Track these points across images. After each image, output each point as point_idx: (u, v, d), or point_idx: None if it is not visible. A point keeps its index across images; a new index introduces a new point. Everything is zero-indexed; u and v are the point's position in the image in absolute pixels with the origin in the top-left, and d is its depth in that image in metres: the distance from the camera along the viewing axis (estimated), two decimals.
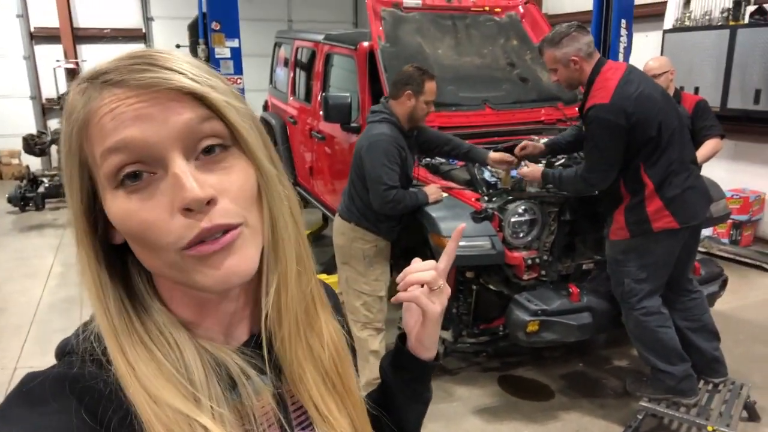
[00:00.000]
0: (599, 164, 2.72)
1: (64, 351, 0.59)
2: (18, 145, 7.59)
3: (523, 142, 3.21)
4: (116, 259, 0.60)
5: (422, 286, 0.76)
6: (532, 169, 3.00)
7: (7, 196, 7.08)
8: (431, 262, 0.77)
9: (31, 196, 7.09)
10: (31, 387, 0.53)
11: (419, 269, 0.76)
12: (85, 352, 0.56)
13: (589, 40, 2.75)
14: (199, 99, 0.53)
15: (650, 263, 2.77)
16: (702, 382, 2.94)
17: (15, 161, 8.97)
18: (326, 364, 0.66)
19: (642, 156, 2.67)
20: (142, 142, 0.51)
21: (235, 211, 0.54)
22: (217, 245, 0.53)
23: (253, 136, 0.58)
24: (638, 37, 5.49)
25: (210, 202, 0.52)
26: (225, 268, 0.54)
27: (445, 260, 0.79)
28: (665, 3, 6.19)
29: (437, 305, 0.76)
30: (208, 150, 0.54)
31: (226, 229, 0.54)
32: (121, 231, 0.55)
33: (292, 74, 5.43)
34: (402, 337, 0.83)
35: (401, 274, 0.77)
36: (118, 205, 0.53)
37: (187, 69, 0.54)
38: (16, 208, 7.06)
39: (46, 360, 0.57)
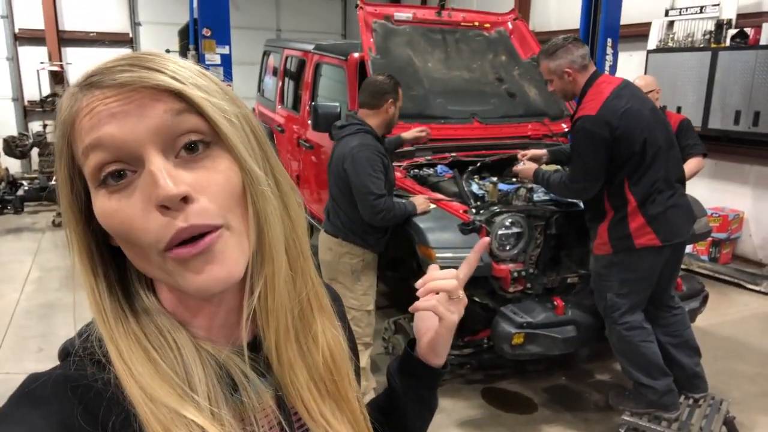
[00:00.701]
0: (581, 175, 2.77)
1: (66, 352, 0.58)
2: None
3: (528, 151, 3.30)
4: (113, 260, 0.59)
5: (437, 293, 0.76)
6: (527, 167, 3.07)
7: None
8: (452, 271, 0.77)
9: (9, 198, 6.96)
10: (33, 388, 0.53)
11: (439, 277, 0.76)
12: (86, 352, 0.56)
13: (583, 53, 2.80)
14: (176, 95, 0.53)
15: (632, 279, 2.80)
16: (683, 397, 2.97)
17: None
18: (321, 370, 0.65)
19: (626, 171, 2.71)
20: (117, 140, 0.51)
21: (214, 211, 0.53)
22: (195, 249, 0.52)
23: (235, 133, 0.55)
24: (623, 56, 5.61)
25: (186, 200, 0.51)
26: (206, 274, 0.53)
27: (465, 270, 0.80)
28: (649, 24, 6.32)
29: (455, 314, 0.77)
30: (191, 147, 0.53)
31: (205, 231, 0.52)
32: (108, 231, 0.55)
33: (280, 83, 5.44)
34: (410, 343, 0.82)
35: (421, 281, 0.77)
36: (101, 204, 0.53)
37: (169, 68, 0.53)
38: None
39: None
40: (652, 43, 6.26)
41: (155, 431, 0.52)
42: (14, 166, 8.57)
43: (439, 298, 0.76)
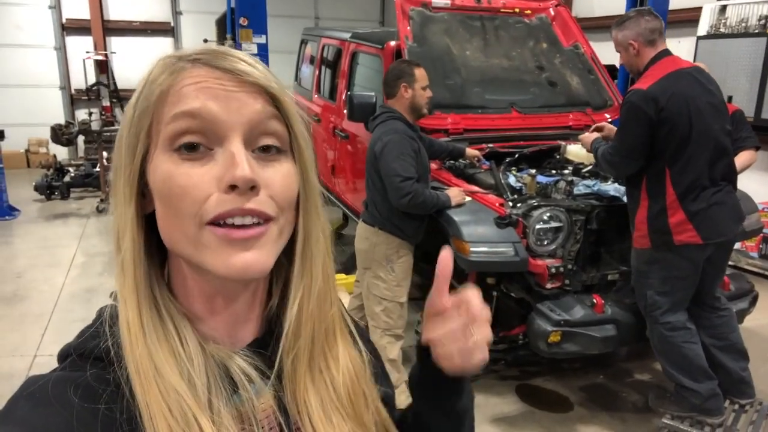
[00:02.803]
0: (620, 149, 2.69)
1: (66, 354, 0.58)
2: (46, 134, 7.69)
3: (600, 124, 3.20)
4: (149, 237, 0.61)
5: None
6: (589, 135, 3.03)
7: (33, 184, 7.20)
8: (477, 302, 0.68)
9: (57, 185, 7.20)
10: (34, 389, 0.53)
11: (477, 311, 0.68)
12: (87, 353, 0.57)
13: (652, 27, 2.69)
14: (273, 99, 0.58)
15: (673, 276, 2.70)
16: (728, 401, 2.85)
17: (42, 150, 9.12)
18: (339, 390, 0.65)
19: (667, 159, 2.60)
20: (214, 116, 0.55)
21: (272, 206, 0.56)
22: (245, 233, 0.54)
23: (308, 147, 0.61)
24: (670, 43, 5.34)
25: (253, 188, 0.54)
26: (242, 260, 0.55)
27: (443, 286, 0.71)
28: (700, 9, 6.04)
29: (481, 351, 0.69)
30: (265, 149, 0.57)
31: (257, 221, 0.55)
32: (157, 192, 0.56)
33: (317, 72, 5.42)
34: (426, 352, 0.72)
35: (458, 300, 0.68)
36: (167, 166, 0.55)
37: (263, 70, 0.59)
38: (42, 197, 7.17)
39: None
40: (703, 29, 5.98)
41: (154, 412, 0.52)
42: (61, 153, 8.86)
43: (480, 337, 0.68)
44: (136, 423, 0.52)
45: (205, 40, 4.86)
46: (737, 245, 5.21)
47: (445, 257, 0.67)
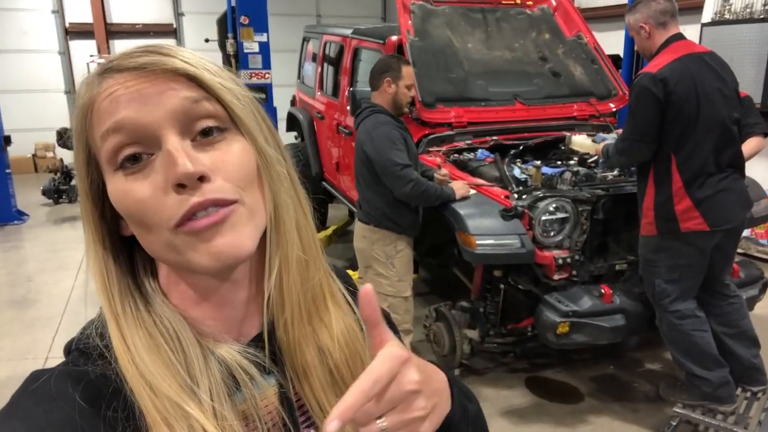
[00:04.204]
0: (630, 133, 2.67)
1: (69, 348, 0.59)
2: (52, 138, 7.75)
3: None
4: (125, 253, 0.61)
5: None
6: (599, 145, 3.04)
7: (41, 188, 7.25)
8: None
9: (64, 188, 7.25)
10: (36, 385, 0.53)
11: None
12: (90, 348, 0.57)
13: (663, 9, 2.67)
14: (194, 80, 0.54)
15: (681, 264, 2.68)
16: (740, 389, 2.83)
17: (50, 154, 9.18)
18: (336, 357, 0.63)
19: (673, 145, 2.58)
20: (137, 122, 0.52)
21: (230, 188, 0.54)
22: (208, 220, 0.53)
23: (250, 117, 0.58)
24: None
25: (202, 179, 0.53)
26: (218, 244, 0.54)
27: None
28: None
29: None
30: (206, 132, 0.55)
31: (220, 204, 0.53)
32: (120, 212, 0.56)
33: (320, 69, 5.41)
34: None
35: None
36: (116, 186, 0.54)
37: (185, 55, 0.55)
38: (50, 201, 7.23)
39: None
40: (707, 15, 5.92)
41: (155, 420, 0.52)
42: (68, 157, 8.90)
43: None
44: (138, 419, 0.52)
45: (207, 40, 4.86)
46: (746, 232, 5.17)
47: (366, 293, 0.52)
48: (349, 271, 3.55)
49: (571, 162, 3.50)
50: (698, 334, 2.71)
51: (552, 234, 2.91)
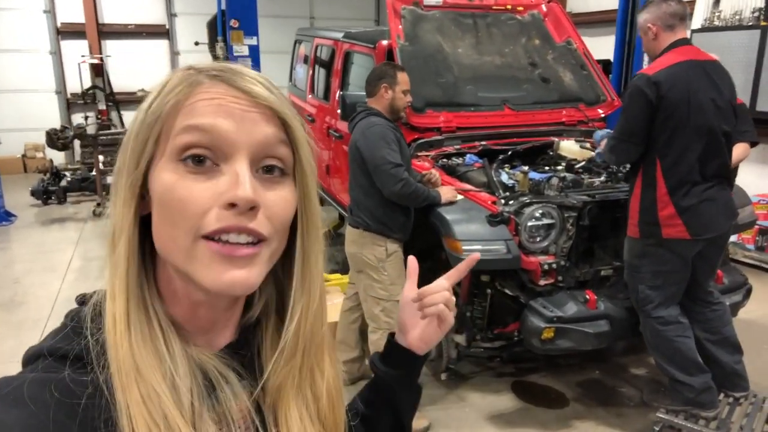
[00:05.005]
0: (620, 133, 2.69)
1: (37, 355, 0.57)
2: (42, 139, 7.70)
3: None
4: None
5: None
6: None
7: (30, 189, 7.21)
8: (443, 284, 0.86)
9: (53, 189, 7.21)
10: (8, 390, 0.52)
11: (435, 290, 0.85)
12: (65, 352, 0.56)
13: (673, 11, 2.67)
14: (285, 125, 0.59)
15: (664, 271, 2.70)
16: (722, 395, 2.86)
17: (39, 155, 9.12)
18: (323, 403, 0.68)
19: (659, 148, 2.59)
20: (225, 134, 0.56)
21: (268, 226, 0.57)
22: (239, 251, 0.55)
23: (312, 173, 0.63)
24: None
25: (253, 209, 0.56)
26: (231, 276, 0.56)
27: (455, 276, 0.89)
28: (694, 2, 6.03)
29: (452, 316, 0.87)
30: (268, 169, 0.59)
31: (252, 240, 0.57)
32: (157, 200, 0.57)
33: (311, 72, 5.42)
34: (391, 336, 0.89)
35: (419, 293, 0.85)
36: (170, 175, 0.56)
37: (277, 95, 0.60)
38: (39, 202, 7.18)
39: None
40: (697, 21, 5.97)
41: (138, 404, 0.53)
42: (58, 157, 8.86)
43: (443, 306, 0.85)
44: (114, 425, 0.53)
45: (197, 43, 4.85)
46: (733, 237, 5.21)
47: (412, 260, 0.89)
48: (338, 275, 3.55)
49: (559, 168, 3.52)
50: (681, 340, 2.73)
51: (538, 240, 2.92)
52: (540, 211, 2.90)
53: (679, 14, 2.67)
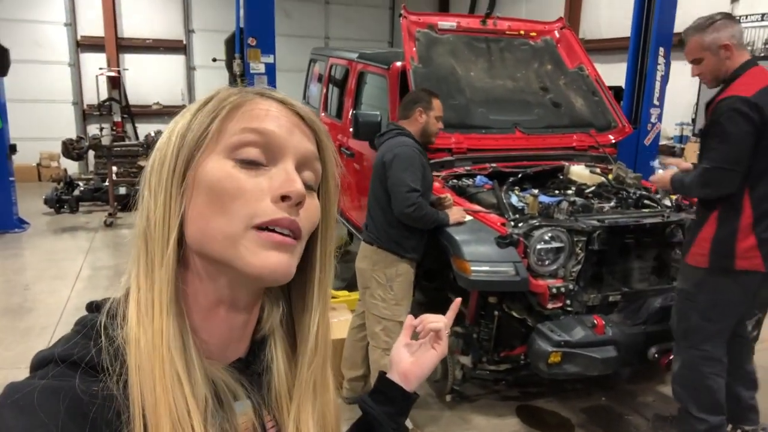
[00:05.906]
0: (722, 161, 2.40)
1: (47, 361, 0.57)
2: (58, 148, 7.81)
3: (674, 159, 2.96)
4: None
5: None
6: (662, 175, 2.76)
7: (43, 197, 7.29)
8: (442, 317, 0.91)
9: (66, 198, 7.29)
10: (18, 397, 0.52)
11: (433, 320, 0.90)
12: (78, 359, 0.56)
13: (741, 30, 2.51)
14: (319, 145, 0.67)
15: (723, 301, 2.53)
16: (730, 426, 2.81)
17: (54, 164, 9.25)
18: (329, 419, 0.72)
19: (752, 176, 2.40)
20: (278, 139, 0.62)
21: (305, 224, 0.63)
22: (285, 239, 0.60)
23: (336, 191, 0.70)
24: (677, 66, 5.39)
25: (299, 204, 0.62)
26: (278, 259, 0.60)
27: (451, 315, 0.93)
28: None
29: (446, 340, 0.91)
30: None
31: (296, 231, 0.61)
32: (208, 189, 0.59)
33: (325, 90, 5.49)
34: (382, 375, 0.91)
35: (417, 320, 0.91)
36: (222, 167, 0.60)
37: (316, 118, 0.69)
38: (52, 210, 7.26)
39: None
40: None
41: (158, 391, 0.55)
42: (72, 167, 8.97)
43: (442, 324, 0.89)
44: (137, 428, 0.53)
45: (214, 59, 4.93)
46: None
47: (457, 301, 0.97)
48: (346, 292, 3.54)
49: (569, 192, 3.53)
50: (714, 379, 2.59)
51: (547, 263, 2.92)
52: (549, 234, 2.90)
53: (743, 33, 2.55)
